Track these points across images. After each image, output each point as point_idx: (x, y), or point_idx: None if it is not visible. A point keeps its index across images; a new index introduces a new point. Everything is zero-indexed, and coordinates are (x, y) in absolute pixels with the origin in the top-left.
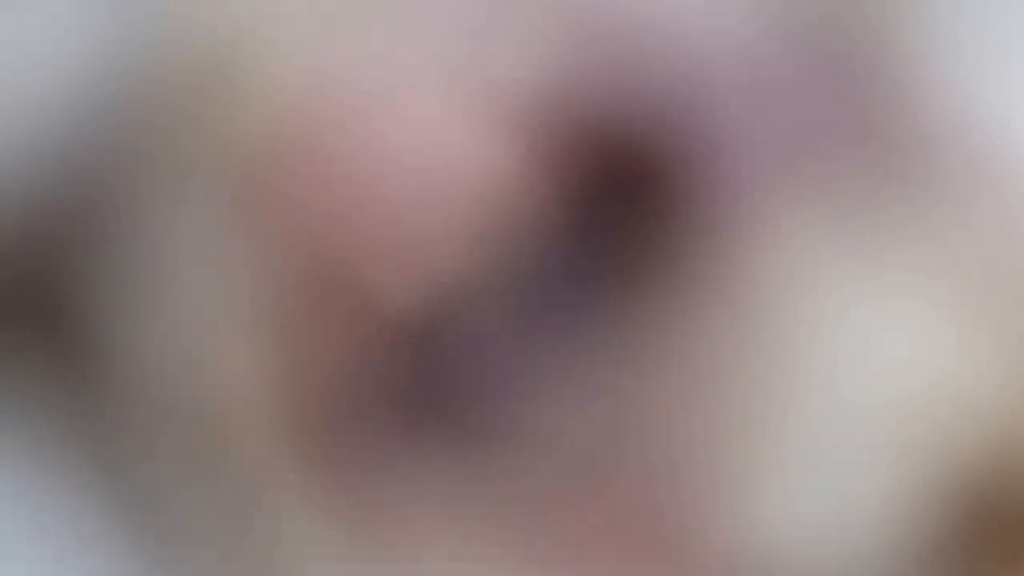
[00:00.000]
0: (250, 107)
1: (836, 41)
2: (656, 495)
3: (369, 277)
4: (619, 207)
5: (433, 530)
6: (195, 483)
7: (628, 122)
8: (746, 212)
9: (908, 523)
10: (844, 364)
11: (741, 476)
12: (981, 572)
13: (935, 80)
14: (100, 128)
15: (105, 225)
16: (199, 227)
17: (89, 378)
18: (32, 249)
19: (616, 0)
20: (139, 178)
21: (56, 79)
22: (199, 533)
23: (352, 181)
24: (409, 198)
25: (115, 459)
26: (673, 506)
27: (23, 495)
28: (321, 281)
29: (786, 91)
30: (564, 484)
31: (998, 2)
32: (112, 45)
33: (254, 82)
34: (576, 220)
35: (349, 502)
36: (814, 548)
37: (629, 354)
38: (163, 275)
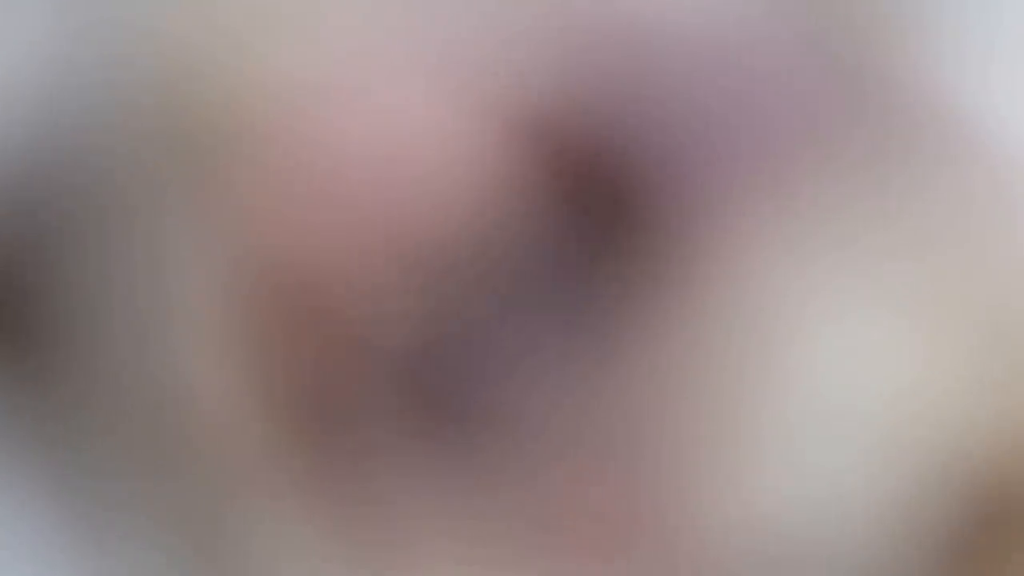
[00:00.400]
0: (224, 110)
1: (822, 42)
2: (641, 485)
3: (349, 275)
4: (601, 207)
5: (418, 526)
6: (169, 483)
7: (611, 124)
8: (725, 214)
9: (884, 522)
10: (821, 365)
11: (721, 469)
12: (961, 571)
13: (916, 81)
14: (65, 134)
15: (74, 229)
16: (171, 228)
17: (60, 381)
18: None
19: (600, 4)
20: (108, 183)
21: (18, 82)
22: (175, 534)
23: (332, 183)
24: (391, 199)
25: (87, 461)
26: (658, 497)
27: None
28: (299, 279)
29: (769, 95)
30: (546, 475)
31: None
32: (77, 48)
33: (227, 83)
34: (558, 219)
35: (332, 500)
36: (794, 541)
37: (612, 349)
38: (136, 278)
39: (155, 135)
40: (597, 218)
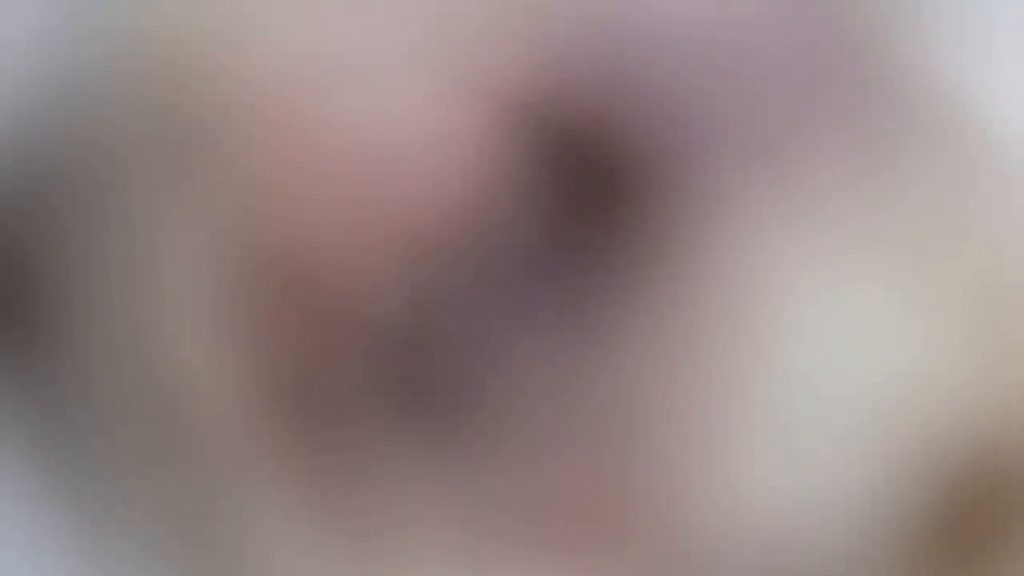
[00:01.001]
0: (217, 91)
1: (811, 39)
2: (632, 476)
3: (340, 266)
4: (594, 193)
5: (410, 515)
6: (162, 474)
7: (606, 107)
8: (720, 199)
9: (872, 512)
10: (815, 351)
11: (714, 459)
12: (947, 561)
13: (914, 65)
14: (55, 116)
15: (66, 213)
16: (164, 213)
17: (50, 367)
18: None
19: (586, 6)
20: (102, 165)
21: (9, 65)
22: (166, 526)
23: (325, 170)
24: (383, 189)
25: (79, 451)
26: (649, 487)
27: None
28: (290, 269)
29: (765, 79)
30: (537, 465)
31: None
32: (70, 30)
33: (220, 65)
34: (551, 204)
35: (321, 489)
36: (779, 532)
37: (604, 336)
38: (126, 263)
39: (146, 121)
40: (590, 204)
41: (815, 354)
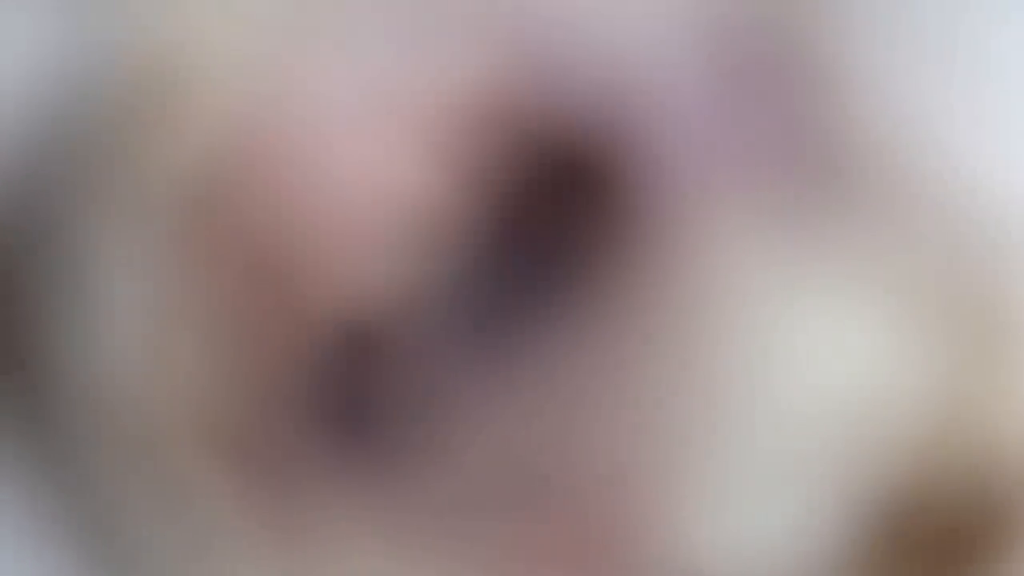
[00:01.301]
0: (187, 127)
1: (774, 48)
2: (587, 508)
3: (303, 292)
4: (555, 219)
5: (363, 541)
6: (126, 491)
7: (564, 133)
8: (682, 219)
9: (838, 534)
10: (777, 372)
11: (672, 488)
12: None
13: (872, 88)
14: (35, 148)
15: (43, 243)
16: (136, 245)
17: (23, 394)
18: None
19: (551, 12)
20: (76, 198)
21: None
22: (130, 539)
23: (287, 197)
24: (344, 213)
25: (46, 468)
26: (604, 517)
27: None
28: (255, 296)
29: (723, 98)
30: (495, 496)
31: (939, 16)
32: (47, 67)
33: (192, 103)
34: (511, 233)
35: (280, 512)
36: (744, 560)
37: (562, 364)
38: (100, 292)
39: (128, 150)
40: (552, 232)
41: (784, 373)
